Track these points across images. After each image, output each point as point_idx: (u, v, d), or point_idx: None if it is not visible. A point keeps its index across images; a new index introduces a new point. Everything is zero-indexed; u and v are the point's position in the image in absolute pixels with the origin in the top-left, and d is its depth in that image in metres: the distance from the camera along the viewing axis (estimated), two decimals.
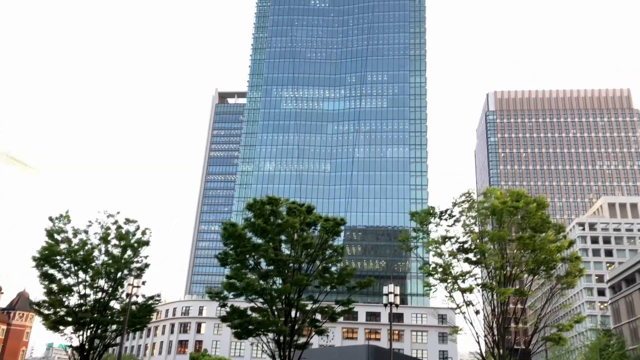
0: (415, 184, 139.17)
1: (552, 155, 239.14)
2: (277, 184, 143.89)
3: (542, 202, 51.90)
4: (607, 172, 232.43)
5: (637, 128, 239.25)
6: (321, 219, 51.40)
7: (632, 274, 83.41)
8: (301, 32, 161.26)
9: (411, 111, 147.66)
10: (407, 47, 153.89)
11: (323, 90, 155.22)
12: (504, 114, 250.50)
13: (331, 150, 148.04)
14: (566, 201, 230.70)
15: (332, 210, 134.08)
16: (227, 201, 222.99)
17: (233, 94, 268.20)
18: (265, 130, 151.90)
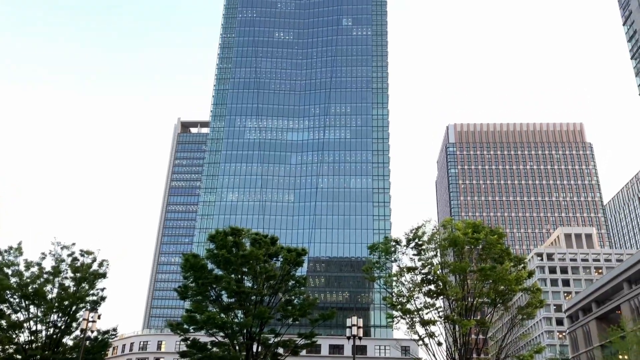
0: (378, 215, 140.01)
1: (510, 187, 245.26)
2: (240, 214, 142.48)
3: (500, 233, 52.89)
4: (562, 203, 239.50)
5: (590, 161, 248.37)
6: (284, 250, 51.00)
7: (588, 303, 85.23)
8: (265, 63, 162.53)
9: (374, 142, 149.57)
10: (369, 80, 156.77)
11: (287, 121, 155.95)
12: (464, 146, 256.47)
13: (295, 181, 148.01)
14: (525, 232, 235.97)
15: (295, 241, 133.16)
16: (188, 232, 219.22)
17: (196, 123, 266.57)
18: (228, 160, 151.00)
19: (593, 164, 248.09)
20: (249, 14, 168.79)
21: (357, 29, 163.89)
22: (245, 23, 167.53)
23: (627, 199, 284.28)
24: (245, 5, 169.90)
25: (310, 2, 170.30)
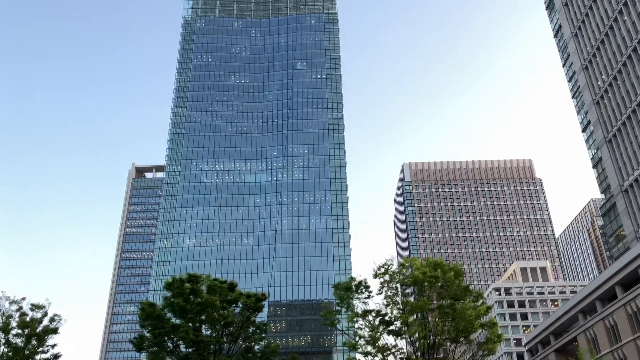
0: (338, 255, 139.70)
1: (466, 223, 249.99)
2: (197, 260, 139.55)
3: (458, 270, 53.50)
4: (517, 238, 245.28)
5: (540, 195, 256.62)
6: (243, 296, 50.03)
7: (546, 336, 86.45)
8: (221, 106, 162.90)
9: (332, 183, 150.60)
10: (326, 122, 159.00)
11: (244, 163, 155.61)
12: (419, 184, 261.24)
13: (253, 223, 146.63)
14: (482, 267, 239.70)
15: (255, 285, 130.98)
16: (144, 280, 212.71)
17: (151, 168, 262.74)
18: (184, 204, 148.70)
19: (544, 199, 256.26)
20: (204, 58, 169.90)
21: (312, 72, 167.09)
22: (201, 68, 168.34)
23: (577, 231, 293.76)
24: (200, 50, 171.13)
25: (265, 47, 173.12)
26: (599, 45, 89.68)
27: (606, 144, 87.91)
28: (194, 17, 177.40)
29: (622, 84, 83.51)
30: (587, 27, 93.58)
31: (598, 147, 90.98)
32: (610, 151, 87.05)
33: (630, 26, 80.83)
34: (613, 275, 65.14)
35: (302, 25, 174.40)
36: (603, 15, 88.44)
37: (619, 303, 62.68)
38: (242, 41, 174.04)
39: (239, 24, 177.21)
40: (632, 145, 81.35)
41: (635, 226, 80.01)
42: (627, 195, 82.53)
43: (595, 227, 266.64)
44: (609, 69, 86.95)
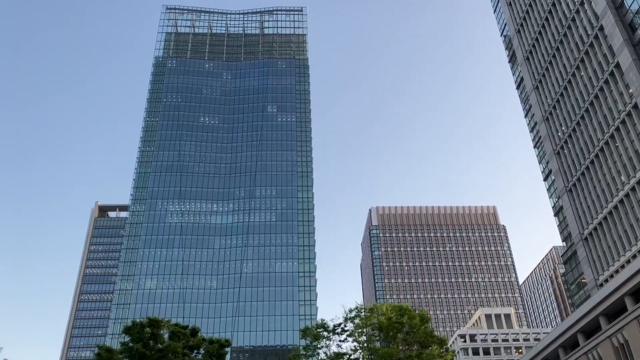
0: (304, 300, 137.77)
1: (432, 269, 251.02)
2: (159, 303, 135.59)
3: (424, 316, 53.32)
4: (482, 284, 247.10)
5: (504, 242, 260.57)
6: (205, 342, 48.49)
7: None
8: (190, 147, 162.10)
9: (299, 225, 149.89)
10: (295, 164, 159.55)
11: (211, 204, 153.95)
12: (386, 228, 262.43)
13: (218, 266, 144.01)
14: (447, 313, 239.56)
15: (218, 330, 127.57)
16: (102, 323, 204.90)
17: (114, 207, 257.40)
18: (147, 245, 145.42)
19: (507, 246, 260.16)
20: (173, 98, 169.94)
21: (282, 115, 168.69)
22: (170, 107, 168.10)
23: (540, 278, 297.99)
24: (171, 90, 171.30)
25: (236, 89, 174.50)
26: (559, 98, 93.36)
27: (567, 193, 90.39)
28: (165, 57, 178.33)
29: (581, 136, 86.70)
30: (548, 80, 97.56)
31: (559, 196, 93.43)
32: (570, 200, 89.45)
33: (587, 81, 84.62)
34: (575, 323, 65.75)
35: (273, 69, 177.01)
36: (562, 70, 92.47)
37: (581, 351, 63.11)
38: (213, 83, 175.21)
39: (211, 66, 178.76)
40: (590, 195, 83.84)
41: (595, 274, 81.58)
42: (587, 244, 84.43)
43: (558, 274, 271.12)
44: (568, 120, 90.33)
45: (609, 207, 78.43)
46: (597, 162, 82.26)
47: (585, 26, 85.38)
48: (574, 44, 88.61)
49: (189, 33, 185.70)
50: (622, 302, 56.93)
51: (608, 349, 57.89)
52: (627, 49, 72.90)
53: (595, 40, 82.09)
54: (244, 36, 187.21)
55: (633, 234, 73.45)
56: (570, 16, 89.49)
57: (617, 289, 57.12)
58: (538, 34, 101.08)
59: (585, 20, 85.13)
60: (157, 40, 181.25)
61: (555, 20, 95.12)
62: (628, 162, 74.58)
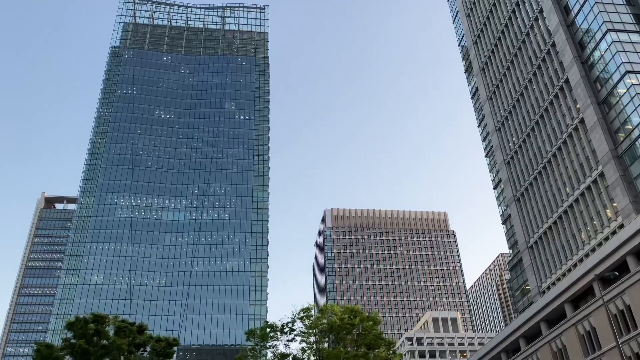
0: (254, 299, 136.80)
1: (382, 271, 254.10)
2: (105, 299, 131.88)
3: (376, 319, 53.92)
4: (430, 288, 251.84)
5: (453, 248, 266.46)
6: (152, 340, 47.48)
7: None
8: (143, 140, 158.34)
9: (253, 224, 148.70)
10: (251, 163, 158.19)
11: (162, 200, 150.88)
12: (340, 230, 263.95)
13: (167, 263, 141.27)
14: (396, 316, 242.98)
15: (165, 328, 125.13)
16: (43, 318, 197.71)
17: (62, 199, 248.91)
18: (95, 239, 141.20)
19: (456, 251, 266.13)
20: (128, 90, 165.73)
21: (239, 112, 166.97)
22: (125, 99, 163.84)
23: (486, 284, 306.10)
24: (126, 81, 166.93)
25: (193, 84, 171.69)
26: (511, 109, 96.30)
27: (515, 202, 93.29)
28: (122, 47, 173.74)
29: (530, 147, 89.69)
30: (501, 92, 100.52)
31: (507, 205, 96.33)
32: (518, 209, 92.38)
33: (538, 94, 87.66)
34: (516, 329, 67.95)
35: (233, 66, 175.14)
36: (515, 82, 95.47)
37: (521, 355, 65.24)
38: (170, 76, 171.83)
39: (169, 59, 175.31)
40: (537, 205, 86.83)
41: (538, 281, 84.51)
42: (532, 252, 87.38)
43: (504, 280, 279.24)
44: (519, 132, 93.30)
45: (554, 217, 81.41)
46: (544, 173, 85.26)
47: (538, 41, 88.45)
48: (528, 58, 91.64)
49: (147, 24, 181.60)
50: (562, 309, 59.21)
51: (547, 353, 60.08)
52: (576, 66, 75.94)
53: (548, 55, 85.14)
54: (205, 31, 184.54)
55: (575, 243, 76.49)
56: (525, 31, 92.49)
57: (558, 296, 59.39)
58: (494, 46, 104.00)
59: (539, 35, 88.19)
60: (114, 29, 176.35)
61: (511, 33, 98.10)
62: (573, 174, 77.64)
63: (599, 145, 70.26)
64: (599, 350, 51.47)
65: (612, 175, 67.55)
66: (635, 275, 47.38)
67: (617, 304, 49.64)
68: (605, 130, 69.67)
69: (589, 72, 75.12)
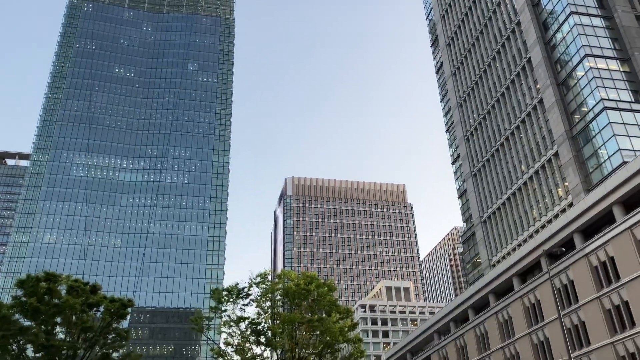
0: (212, 264, 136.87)
1: (340, 240, 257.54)
2: (58, 258, 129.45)
3: (331, 286, 54.83)
4: (385, 257, 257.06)
5: (410, 220, 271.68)
6: (106, 300, 47.07)
7: (403, 354, 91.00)
8: (101, 98, 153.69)
9: (212, 189, 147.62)
10: (212, 127, 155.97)
11: (120, 160, 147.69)
12: (300, 198, 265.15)
13: (124, 224, 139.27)
14: (351, 284, 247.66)
15: (120, 289, 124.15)
16: None
17: (14, 154, 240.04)
18: (49, 197, 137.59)
19: (412, 223, 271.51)
20: (87, 45, 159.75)
21: (202, 74, 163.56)
22: (83, 54, 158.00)
23: (439, 256, 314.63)
24: (84, 36, 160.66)
25: (155, 42, 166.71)
26: (474, 86, 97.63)
27: (472, 177, 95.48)
28: (81, 0, 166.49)
29: (490, 124, 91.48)
30: (465, 68, 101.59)
31: (464, 180, 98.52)
32: (474, 184, 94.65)
33: (501, 72, 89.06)
34: (466, 300, 70.42)
35: (197, 26, 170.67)
36: (479, 59, 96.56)
37: (469, 325, 67.83)
38: (131, 33, 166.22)
39: (130, 15, 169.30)
40: (493, 181, 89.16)
41: (489, 255, 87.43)
42: (485, 226, 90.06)
43: (456, 253, 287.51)
44: (480, 109, 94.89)
45: (508, 193, 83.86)
46: (501, 151, 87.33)
47: (504, 19, 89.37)
48: (493, 36, 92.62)
49: None
50: (510, 282, 61.60)
51: (494, 323, 62.65)
52: (539, 46, 77.29)
53: (512, 34, 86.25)
54: None
55: (526, 220, 79.18)
56: (492, 8, 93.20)
57: (507, 269, 61.68)
58: (461, 21, 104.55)
59: (505, 14, 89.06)
60: None
61: (478, 10, 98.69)
62: (529, 152, 79.82)
63: (556, 126, 72.25)
64: (542, 322, 53.99)
65: (565, 155, 69.77)
66: (580, 251, 49.58)
67: (561, 279, 51.96)
68: (562, 111, 71.60)
69: (550, 53, 76.58)
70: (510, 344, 59.27)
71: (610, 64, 68.06)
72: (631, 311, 43.82)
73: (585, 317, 48.54)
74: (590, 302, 47.90)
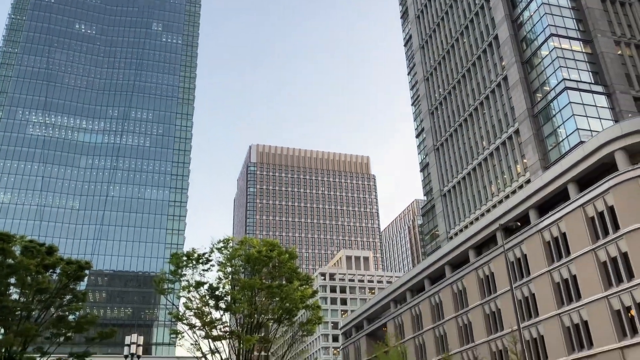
0: (172, 229, 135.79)
1: (302, 209, 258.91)
2: (12, 218, 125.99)
3: (293, 253, 55.27)
4: (347, 227, 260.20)
5: (372, 191, 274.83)
6: (62, 262, 46.29)
7: (360, 321, 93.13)
8: (60, 55, 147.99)
9: (174, 154, 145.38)
10: (176, 90, 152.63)
11: (80, 120, 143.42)
12: (264, 166, 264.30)
13: (82, 186, 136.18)
14: (312, 252, 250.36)
15: (77, 251, 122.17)
16: None
17: None
18: (2, 156, 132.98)
19: (375, 194, 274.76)
20: None
21: (167, 35, 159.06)
22: (41, 7, 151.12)
23: (399, 227, 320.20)
24: None
25: None
26: (441, 60, 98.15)
27: (434, 151, 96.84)
28: None
29: (455, 99, 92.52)
30: (433, 42, 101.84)
31: (427, 154, 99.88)
32: (436, 158, 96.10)
33: (468, 48, 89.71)
34: (423, 270, 72.26)
35: None
36: (447, 33, 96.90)
37: (425, 295, 69.77)
38: None
39: None
40: (454, 156, 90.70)
41: (447, 227, 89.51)
42: (444, 200, 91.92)
43: (416, 225, 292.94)
44: (446, 83, 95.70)
45: (468, 168, 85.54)
46: (464, 126, 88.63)
47: None
48: (462, 11, 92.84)
49: None
50: (466, 254, 63.38)
51: (448, 294, 64.60)
52: (506, 24, 77.99)
53: (481, 10, 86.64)
54: None
55: (485, 194, 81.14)
56: None
57: (464, 242, 63.38)
58: None
59: None
60: None
61: None
62: (491, 129, 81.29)
63: (518, 104, 73.61)
64: (494, 293, 55.95)
65: (526, 132, 71.36)
66: (534, 227, 51.26)
67: (515, 252, 53.75)
68: (525, 90, 72.89)
69: (517, 31, 77.42)
70: (463, 314, 61.32)
71: (573, 45, 69.35)
72: (578, 284, 45.83)
73: (536, 290, 50.52)
74: (541, 275, 49.82)
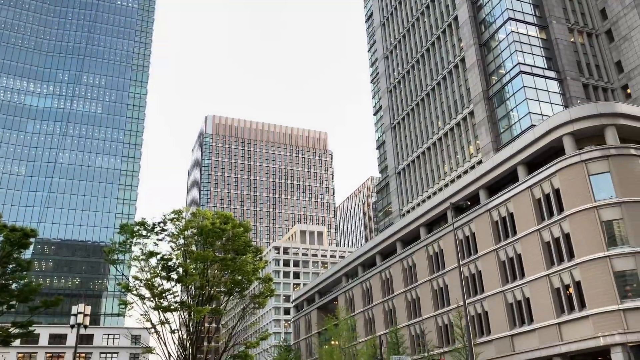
0: (123, 198, 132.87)
1: (258, 183, 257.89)
2: None
3: (247, 227, 55.10)
4: (302, 202, 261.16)
5: (329, 167, 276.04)
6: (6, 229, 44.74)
7: (312, 295, 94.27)
8: (7, 13, 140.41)
9: (127, 122, 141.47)
10: (130, 55, 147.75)
11: (27, 83, 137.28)
12: (220, 138, 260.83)
13: (29, 152, 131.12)
14: (267, 226, 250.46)
15: (23, 219, 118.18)
16: None
17: None
18: None
19: (331, 171, 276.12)
20: None
21: None
22: None
23: (354, 204, 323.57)
24: None
25: None
26: (401, 38, 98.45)
27: (391, 129, 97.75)
28: None
29: (413, 78, 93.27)
30: (394, 20, 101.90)
31: (384, 132, 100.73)
32: (393, 136, 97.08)
33: (428, 28, 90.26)
34: (375, 246, 73.51)
35: None
36: (409, 12, 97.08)
37: (376, 270, 71.12)
38: None
39: None
40: (410, 134, 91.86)
41: (401, 205, 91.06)
42: (399, 177, 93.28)
43: (370, 201, 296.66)
44: (405, 62, 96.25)
45: (423, 147, 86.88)
46: (421, 105, 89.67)
47: None
48: None
49: None
50: (417, 231, 64.74)
51: (398, 269, 66.04)
52: (466, 5, 78.73)
53: None
54: None
55: (438, 174, 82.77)
56: None
57: (415, 219, 64.69)
58: None
59: None
60: None
61: None
62: (447, 109, 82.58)
63: (474, 85, 74.90)
64: (443, 270, 57.57)
65: (480, 114, 72.84)
66: (483, 207, 52.76)
67: (464, 230, 55.28)
68: (481, 72, 74.16)
69: (477, 13, 78.31)
70: (412, 289, 62.91)
71: (529, 30, 70.81)
72: (522, 263, 47.65)
73: (482, 267, 52.25)
74: (488, 253, 51.51)
